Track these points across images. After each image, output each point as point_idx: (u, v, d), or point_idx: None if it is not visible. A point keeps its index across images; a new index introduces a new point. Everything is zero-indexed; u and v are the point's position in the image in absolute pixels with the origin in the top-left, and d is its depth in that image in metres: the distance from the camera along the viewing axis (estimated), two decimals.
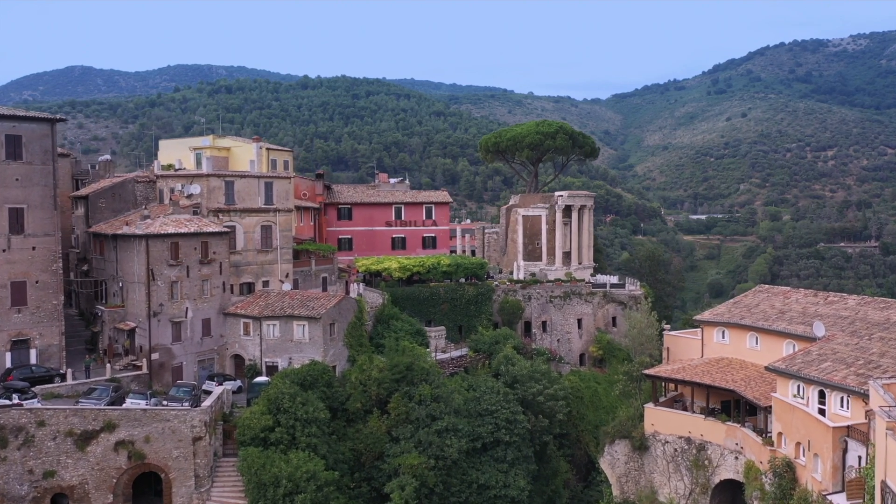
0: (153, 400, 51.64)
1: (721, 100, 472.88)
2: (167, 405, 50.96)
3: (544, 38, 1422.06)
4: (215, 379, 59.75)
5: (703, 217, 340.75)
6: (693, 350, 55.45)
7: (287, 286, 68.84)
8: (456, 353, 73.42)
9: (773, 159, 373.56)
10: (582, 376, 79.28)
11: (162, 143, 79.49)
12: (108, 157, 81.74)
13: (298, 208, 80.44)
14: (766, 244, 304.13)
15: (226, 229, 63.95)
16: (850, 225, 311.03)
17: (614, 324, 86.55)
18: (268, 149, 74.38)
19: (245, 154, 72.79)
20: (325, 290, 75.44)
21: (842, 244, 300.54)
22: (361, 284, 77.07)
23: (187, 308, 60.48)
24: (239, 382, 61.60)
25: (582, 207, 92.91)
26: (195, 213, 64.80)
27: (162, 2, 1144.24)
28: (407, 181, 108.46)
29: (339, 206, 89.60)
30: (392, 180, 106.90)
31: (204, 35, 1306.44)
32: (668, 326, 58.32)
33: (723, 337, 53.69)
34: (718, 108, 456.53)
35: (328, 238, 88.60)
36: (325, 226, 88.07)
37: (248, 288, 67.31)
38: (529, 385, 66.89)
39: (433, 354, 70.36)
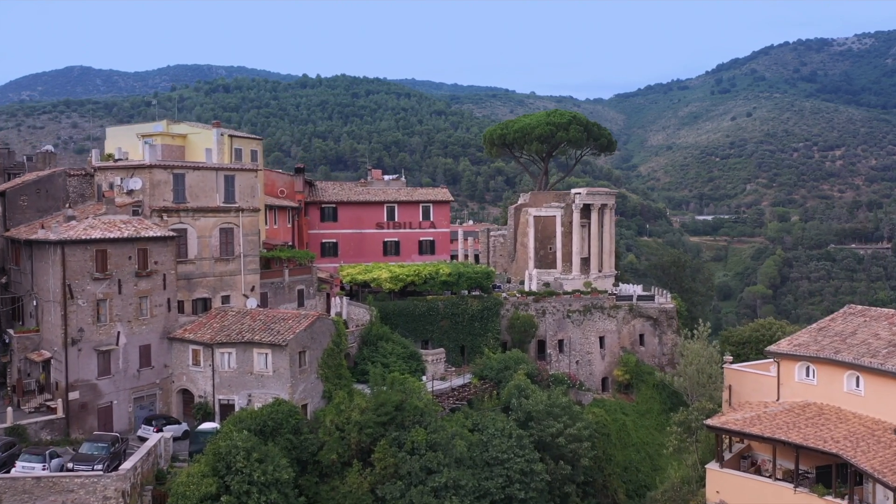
0: (55, 461, 38.18)
1: (725, 99, 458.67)
2: (74, 468, 37.57)
3: (546, 39, 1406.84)
4: (153, 423, 46.41)
5: (710, 218, 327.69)
6: (765, 390, 41.88)
7: (252, 302, 55.46)
8: (457, 382, 59.96)
9: (780, 159, 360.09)
10: (607, 406, 65.78)
11: (109, 131, 65.88)
12: (50, 147, 68.24)
13: (272, 207, 67.10)
14: (775, 245, 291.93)
15: (172, 233, 50.53)
16: (862, 226, 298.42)
17: (641, 342, 73.04)
18: (231, 136, 60.96)
19: (205, 142, 59.49)
20: (301, 305, 62.08)
21: (853, 245, 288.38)
22: (345, 298, 63.68)
23: (119, 333, 47.02)
24: (185, 426, 48.18)
25: (602, 207, 79.32)
26: (136, 212, 51.46)
27: (161, 2, 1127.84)
28: (403, 178, 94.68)
29: (323, 206, 76.08)
30: (387, 177, 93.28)
31: (203, 35, 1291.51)
32: (730, 358, 44.89)
33: (807, 375, 40.15)
34: (723, 107, 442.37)
35: (310, 243, 75.22)
36: (306, 228, 74.64)
37: (204, 305, 53.88)
38: (547, 423, 53.56)
39: (430, 384, 56.96)
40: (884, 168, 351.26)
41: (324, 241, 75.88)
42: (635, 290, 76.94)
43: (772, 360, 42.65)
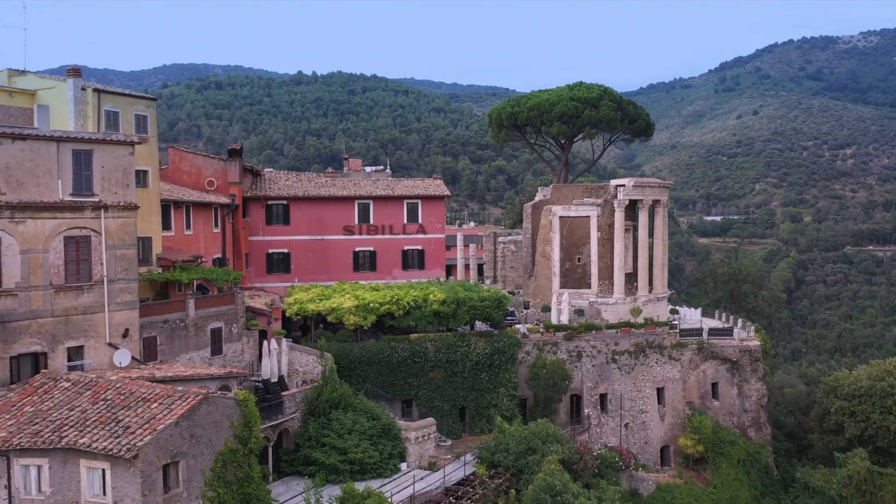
0: None
1: (729, 98, 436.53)
2: None
3: (547, 38, 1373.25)
4: None
5: (718, 218, 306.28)
6: None
7: (124, 356, 32.91)
8: (455, 473, 37.25)
9: (789, 158, 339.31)
10: (676, 497, 43.09)
11: None
12: None
13: (181, 204, 44.40)
14: (789, 247, 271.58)
15: None
16: (879, 227, 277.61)
17: (714, 394, 50.36)
18: (99, 91, 38.27)
19: (61, 101, 37.17)
20: (217, 353, 39.48)
21: (870, 247, 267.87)
22: (284, 340, 41.02)
23: None
24: None
25: (655, 204, 56.63)
26: None
27: (157, 1, 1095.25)
28: (388, 170, 71.85)
29: (270, 203, 53.33)
30: (368, 168, 70.46)
31: (200, 34, 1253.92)
32: None
33: None
34: (727, 105, 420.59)
35: (252, 254, 52.67)
36: (245, 234, 51.99)
37: (34, 364, 31.30)
38: None
39: (411, 482, 34.36)
40: None
41: (271, 251, 53.21)
42: (701, 318, 54.32)
43: None
